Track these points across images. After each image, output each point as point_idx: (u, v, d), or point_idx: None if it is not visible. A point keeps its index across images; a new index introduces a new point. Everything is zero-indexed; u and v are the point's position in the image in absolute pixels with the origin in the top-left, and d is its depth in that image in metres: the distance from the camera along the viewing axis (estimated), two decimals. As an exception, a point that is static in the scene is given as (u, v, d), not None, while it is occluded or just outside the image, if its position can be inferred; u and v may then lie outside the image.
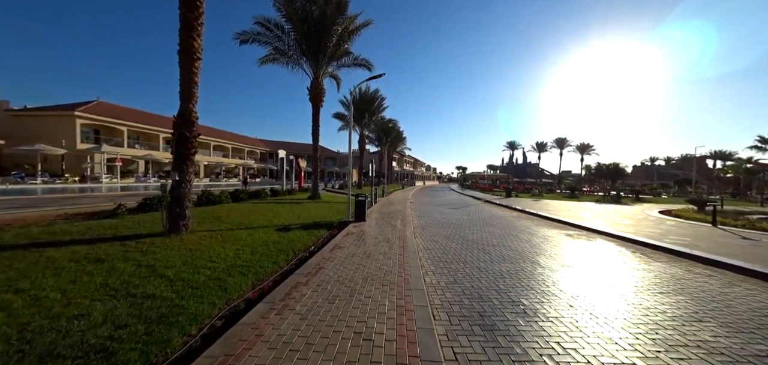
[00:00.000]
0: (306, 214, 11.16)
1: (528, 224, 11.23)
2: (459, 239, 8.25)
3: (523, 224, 11.20)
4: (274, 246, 6.36)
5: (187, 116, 6.60)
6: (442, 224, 11.00)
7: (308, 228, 8.66)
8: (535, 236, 8.87)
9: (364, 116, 27.64)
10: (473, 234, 8.97)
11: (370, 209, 14.46)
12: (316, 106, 15.07)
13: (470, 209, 17.03)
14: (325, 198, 16.93)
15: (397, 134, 45.14)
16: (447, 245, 7.41)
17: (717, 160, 77.25)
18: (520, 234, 9.18)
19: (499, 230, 9.78)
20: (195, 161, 7.30)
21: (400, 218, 11.68)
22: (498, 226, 10.72)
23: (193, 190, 7.48)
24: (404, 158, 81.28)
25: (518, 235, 9.04)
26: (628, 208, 18.83)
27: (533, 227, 10.77)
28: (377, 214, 12.76)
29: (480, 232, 9.39)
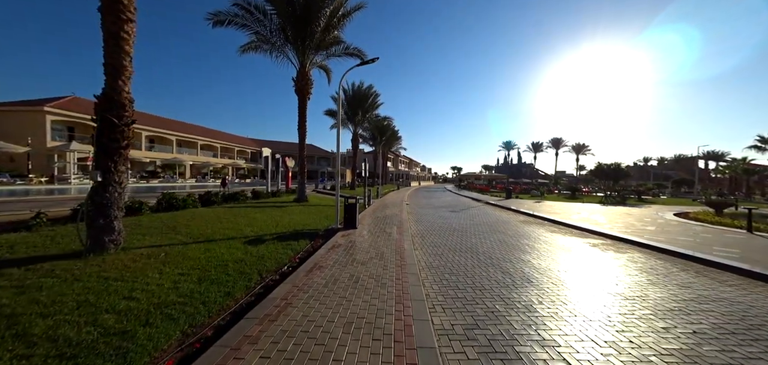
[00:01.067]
0: (287, 220, 9.68)
1: (539, 231, 9.93)
2: (467, 252, 6.88)
3: (534, 231, 9.90)
4: (235, 268, 4.89)
5: (113, 96, 5.07)
6: (444, 231, 9.63)
7: (286, 239, 7.19)
8: (553, 247, 7.55)
9: (357, 113, 26.16)
10: (482, 245, 7.61)
11: (363, 213, 13.04)
12: (303, 99, 13.57)
13: (471, 212, 15.72)
14: (312, 201, 15.45)
15: (392, 133, 43.76)
16: (455, 262, 6.03)
17: (709, 160, 78.01)
18: (536, 244, 7.85)
19: (510, 239, 8.44)
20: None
21: (396, 223, 10.28)
22: (507, 233, 9.39)
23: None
24: (399, 158, 79.98)
25: (534, 246, 7.71)
26: (638, 210, 17.73)
27: (546, 234, 9.48)
28: (370, 219, 11.35)
29: (489, 241, 8.03)
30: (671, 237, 8.57)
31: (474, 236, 8.69)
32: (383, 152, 52.46)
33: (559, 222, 11.54)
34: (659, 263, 6.25)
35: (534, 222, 12.02)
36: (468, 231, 9.57)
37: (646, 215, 14.49)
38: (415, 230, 9.59)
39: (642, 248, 7.61)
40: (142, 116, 38.14)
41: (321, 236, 8.02)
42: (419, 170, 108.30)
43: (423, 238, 8.41)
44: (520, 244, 7.81)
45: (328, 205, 14.70)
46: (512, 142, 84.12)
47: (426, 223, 11.29)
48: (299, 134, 13.78)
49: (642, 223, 11.67)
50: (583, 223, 11.14)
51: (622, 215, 14.30)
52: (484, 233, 9.22)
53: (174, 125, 43.34)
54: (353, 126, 28.08)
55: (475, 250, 7.02)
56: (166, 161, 34.43)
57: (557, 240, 8.46)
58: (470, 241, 8.05)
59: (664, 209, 18.04)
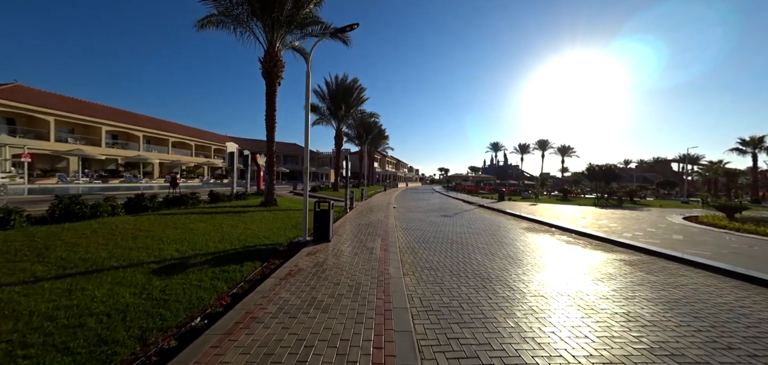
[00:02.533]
0: (239, 231, 7.56)
1: (553, 243, 8.30)
2: (474, 277, 5.06)
3: (547, 243, 8.25)
4: (93, 332, 2.84)
5: None
6: (440, 242, 7.81)
7: (226, 262, 5.15)
8: (583, 266, 5.87)
9: (340, 107, 24.09)
10: (492, 265, 5.82)
11: (343, 219, 11.07)
12: (272, 84, 11.43)
13: (466, 216, 14.04)
14: (284, 204, 13.33)
15: (378, 132, 41.90)
16: (461, 297, 4.19)
17: (685, 163, 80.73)
18: (562, 263, 6.15)
19: (524, 256, 6.71)
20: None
21: (381, 233, 8.38)
22: (515, 246, 7.68)
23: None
24: (386, 158, 78.23)
25: (559, 265, 6.00)
26: (640, 213, 16.59)
27: (564, 245, 7.84)
28: (351, 226, 9.40)
29: (499, 259, 6.27)
30: (717, 251, 7.10)
31: (477, 252, 6.90)
32: (369, 152, 50.52)
33: (569, 230, 9.97)
34: (729, 288, 4.64)
35: (540, 230, 10.42)
36: (468, 243, 7.80)
37: (655, 220, 13.25)
38: (404, 243, 7.72)
39: (701, 269, 6.03)
40: (104, 110, 34.57)
41: (280, 254, 6.03)
42: (406, 171, 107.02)
43: (414, 254, 6.54)
44: (538, 262, 6.08)
45: (301, 210, 12.64)
46: (500, 143, 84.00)
47: (416, 232, 9.45)
48: (267, 125, 11.62)
49: (661, 229, 10.29)
50: (600, 231, 9.62)
51: (631, 220, 12.99)
52: (488, 246, 7.46)
53: (142, 120, 39.74)
54: (336, 122, 25.94)
55: (486, 274, 5.21)
56: (129, 159, 31.07)
57: (580, 255, 6.80)
58: (475, 259, 6.24)
59: (666, 213, 17.05)
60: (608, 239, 8.45)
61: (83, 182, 23.73)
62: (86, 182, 24.12)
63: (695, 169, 70.95)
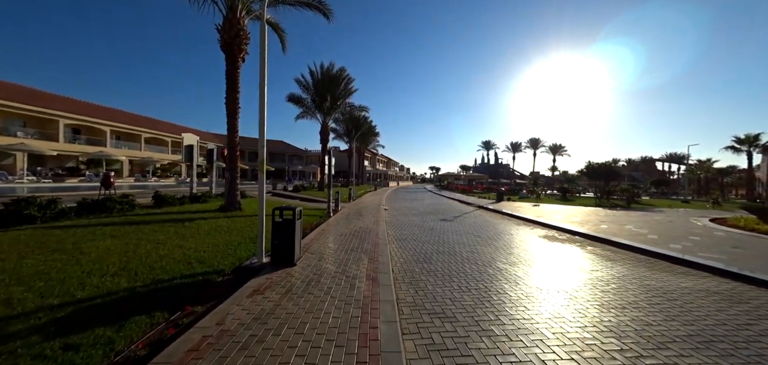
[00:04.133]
0: (165, 252, 5.26)
1: (602, 266, 6.43)
2: (521, 336, 3.06)
3: (591, 266, 6.38)
4: None
5: None
6: (447, 262, 5.82)
7: (91, 320, 2.99)
8: (675, 303, 3.97)
9: (325, 99, 21.81)
10: (538, 307, 3.84)
11: (324, 225, 8.94)
12: (233, 59, 9.10)
13: (468, 220, 12.13)
14: (251, 208, 11.03)
15: (368, 128, 39.71)
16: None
17: (671, 162, 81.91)
18: (638, 300, 4.24)
19: (585, 291, 4.77)
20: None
21: (369, 248, 6.32)
22: (550, 265, 5.77)
23: None
24: (377, 156, 76.18)
25: (634, 302, 4.09)
26: (662, 217, 15.08)
27: (619, 267, 5.98)
28: (331, 238, 7.29)
29: (548, 299, 4.30)
30: (813, 272, 5.34)
31: (503, 277, 4.93)
32: (359, 150, 48.33)
33: (606, 241, 8.09)
34: None
35: (565, 239, 8.57)
36: (484, 261, 5.83)
37: (682, 223, 11.66)
38: (400, 263, 5.68)
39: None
40: (63, 101, 31.16)
41: (211, 291, 3.90)
42: (398, 170, 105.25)
43: (416, 287, 4.51)
44: (597, 298, 4.14)
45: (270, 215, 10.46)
46: (492, 142, 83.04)
47: (414, 243, 7.43)
48: (227, 110, 9.30)
49: (704, 237, 8.59)
50: (632, 240, 7.84)
51: (658, 224, 11.34)
52: (513, 266, 5.50)
53: (110, 114, 36.36)
54: (322, 116, 23.63)
55: (533, 324, 3.22)
56: (90, 155, 27.90)
57: (646, 278, 4.92)
58: (503, 290, 4.27)
59: (682, 214, 15.62)
60: (684, 259, 6.62)
61: (29, 181, 20.72)
62: (32, 181, 21.08)
63: (682, 168, 71.78)
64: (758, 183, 37.75)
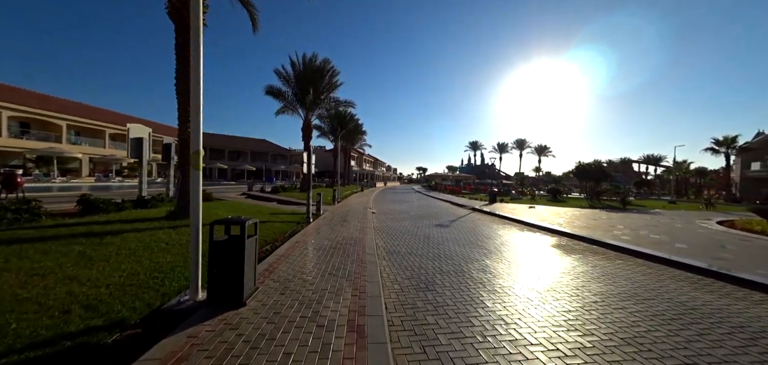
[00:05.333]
0: (33, 290, 3.51)
1: (657, 281, 5.21)
2: None
3: (644, 280, 5.14)
4: None
5: None
6: (456, 290, 4.40)
7: None
8: None
9: (308, 92, 20.02)
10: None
11: (299, 235, 7.31)
12: (182, 27, 7.18)
13: (464, 225, 10.84)
14: (208, 216, 9.32)
15: (355, 125, 38.06)
16: None
17: (648, 164, 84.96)
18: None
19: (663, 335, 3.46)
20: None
21: (352, 270, 4.81)
22: (598, 289, 4.48)
23: None
24: (364, 156, 74.51)
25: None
26: (665, 219, 14.36)
27: (691, 292, 4.75)
28: (305, 253, 5.71)
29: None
30: None
31: (565, 328, 3.56)
32: (346, 149, 46.58)
33: (642, 255, 6.95)
34: None
35: (586, 250, 7.38)
36: (511, 291, 4.46)
37: (695, 228, 10.84)
38: (394, 291, 4.22)
39: None
40: (8, 91, 27.67)
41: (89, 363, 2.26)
42: (385, 170, 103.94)
43: (422, 336, 3.05)
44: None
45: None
46: (479, 142, 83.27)
47: (409, 259, 5.98)
48: (177, 89, 7.44)
49: (729, 243, 7.63)
50: (687, 257, 6.73)
51: (670, 229, 10.45)
52: (551, 302, 4.16)
53: (69, 107, 32.91)
54: (304, 111, 21.82)
55: None
56: (40, 152, 24.80)
57: (728, 312, 3.69)
58: (561, 340, 2.88)
59: (683, 216, 15.03)
60: (740, 277, 5.49)
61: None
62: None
63: (658, 169, 74.33)
64: (733, 183, 39.01)
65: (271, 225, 8.43)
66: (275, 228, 8.10)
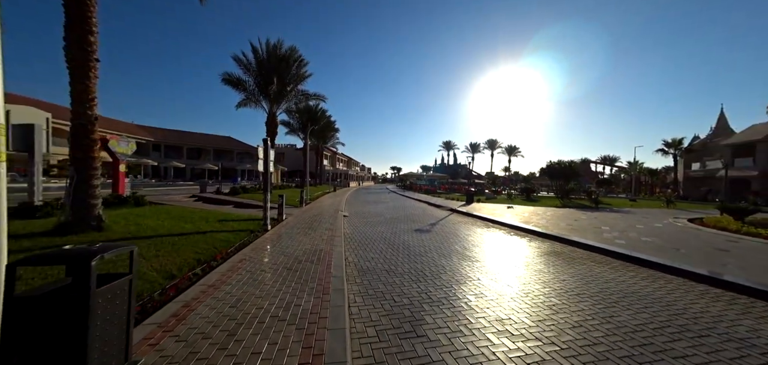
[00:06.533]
0: None
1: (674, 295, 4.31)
2: None
3: (680, 300, 4.22)
4: None
5: None
6: (457, 325, 3.16)
7: None
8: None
9: (272, 82, 17.96)
10: None
11: (250, 248, 5.62)
12: None
13: (445, 229, 9.78)
14: (123, 227, 7.30)
15: (326, 122, 36.07)
16: None
17: (604, 164, 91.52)
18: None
19: None
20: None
21: (309, 311, 3.38)
22: (626, 310, 3.45)
23: None
24: (337, 155, 72.26)
25: None
26: (639, 217, 14.38)
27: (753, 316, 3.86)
28: (249, 277, 4.15)
29: None
30: None
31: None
32: (318, 148, 44.37)
33: (656, 265, 6.21)
34: None
35: (588, 259, 6.53)
36: (530, 335, 3.30)
37: (675, 227, 10.68)
38: (369, 341, 2.86)
39: None
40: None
41: None
42: (359, 170, 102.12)
43: None
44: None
45: (143, 237, 6.89)
46: (452, 142, 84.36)
47: (388, 278, 4.67)
48: (69, 62, 5.40)
49: (724, 246, 7.23)
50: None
51: (654, 230, 10.15)
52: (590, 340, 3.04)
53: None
54: (268, 103, 19.66)
55: None
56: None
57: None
58: None
59: (654, 214, 15.26)
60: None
61: None
62: None
63: (614, 169, 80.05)
64: (677, 182, 42.52)
65: (212, 238, 6.70)
66: (218, 241, 6.40)
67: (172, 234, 6.57)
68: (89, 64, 5.57)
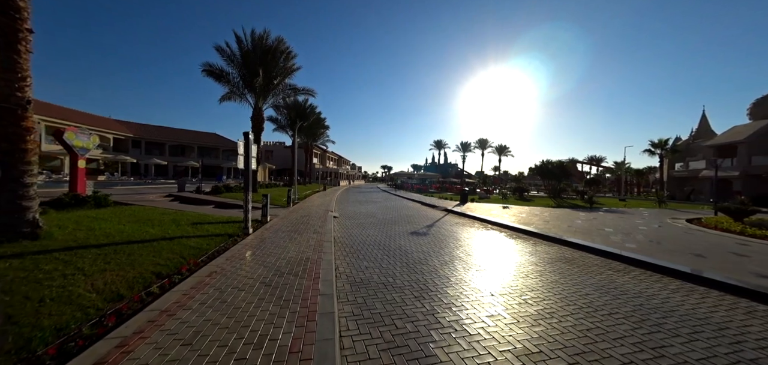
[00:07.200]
0: None
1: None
2: None
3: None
4: None
5: None
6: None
7: None
8: None
9: (257, 74, 16.86)
10: None
11: (224, 257, 4.71)
12: None
13: (442, 231, 9.11)
14: (70, 234, 6.33)
15: (316, 119, 34.92)
16: None
17: (590, 164, 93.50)
18: None
19: None
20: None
21: (282, 350, 2.60)
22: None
23: None
24: (327, 154, 71.00)
25: None
26: (638, 219, 14.11)
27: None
28: (227, 294, 3.33)
29: None
30: None
31: None
32: (307, 146, 43.18)
33: (696, 278, 5.68)
34: None
35: (602, 266, 5.96)
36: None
37: (679, 228, 10.35)
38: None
39: None
40: None
41: None
42: (349, 168, 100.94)
43: None
44: None
45: (91, 246, 5.95)
46: (443, 141, 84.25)
47: (386, 298, 3.93)
48: None
49: (737, 250, 6.83)
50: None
51: (659, 231, 9.77)
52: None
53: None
54: (254, 97, 18.54)
55: None
56: None
57: None
58: None
59: (652, 215, 15.06)
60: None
61: None
62: None
63: (601, 168, 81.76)
64: (663, 182, 43.48)
65: (181, 245, 5.80)
66: (187, 249, 5.51)
67: (132, 241, 5.63)
68: (17, 35, 4.58)
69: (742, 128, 35.62)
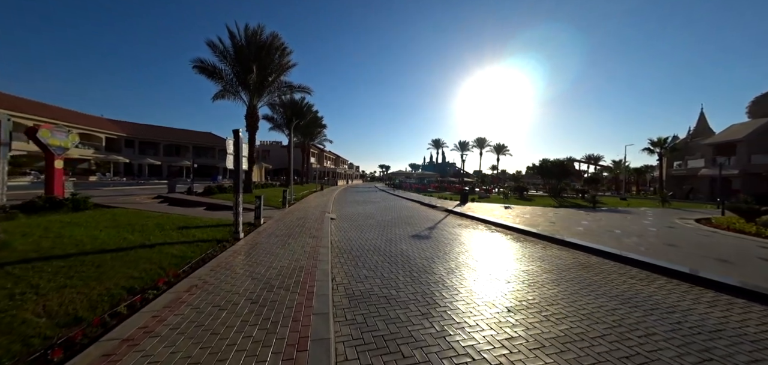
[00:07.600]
0: None
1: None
2: None
3: None
4: None
5: None
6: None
7: None
8: None
9: (251, 71, 16.27)
10: None
11: (209, 267, 4.14)
12: None
13: (445, 234, 8.63)
14: (31, 241, 5.80)
15: (313, 118, 34.30)
16: None
17: (588, 163, 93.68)
18: None
19: None
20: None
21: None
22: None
23: None
24: (325, 153, 70.34)
25: None
26: (649, 220, 13.73)
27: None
28: (204, 315, 2.81)
29: None
30: None
31: None
32: (304, 145, 42.54)
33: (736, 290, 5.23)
34: None
35: (622, 273, 5.50)
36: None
37: (692, 230, 9.95)
38: None
39: None
40: None
41: None
42: (347, 168, 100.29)
43: None
44: None
45: (55, 257, 5.41)
46: (441, 140, 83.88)
47: (388, 316, 3.43)
48: None
49: (758, 255, 6.41)
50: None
51: (679, 236, 9.36)
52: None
53: None
54: (248, 95, 17.97)
55: None
56: None
57: None
58: None
59: (659, 215, 14.70)
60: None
61: None
62: None
63: (598, 167, 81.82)
64: (662, 180, 43.40)
65: (162, 253, 5.26)
66: (168, 258, 4.98)
67: (105, 250, 5.08)
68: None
69: (740, 126, 35.51)
